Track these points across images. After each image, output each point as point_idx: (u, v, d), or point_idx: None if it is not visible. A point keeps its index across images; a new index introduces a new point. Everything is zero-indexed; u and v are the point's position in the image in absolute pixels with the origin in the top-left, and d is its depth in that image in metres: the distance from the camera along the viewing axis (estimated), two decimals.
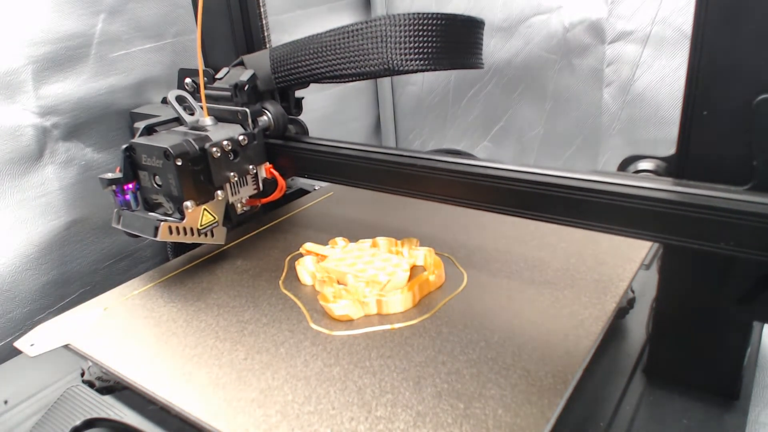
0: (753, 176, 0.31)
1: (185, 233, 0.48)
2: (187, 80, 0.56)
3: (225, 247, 0.56)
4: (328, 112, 0.99)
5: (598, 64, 0.81)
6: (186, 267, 0.53)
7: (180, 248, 0.70)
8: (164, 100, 0.58)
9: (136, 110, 0.63)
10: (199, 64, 0.51)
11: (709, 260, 0.34)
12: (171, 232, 0.47)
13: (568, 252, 0.49)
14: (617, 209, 0.35)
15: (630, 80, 0.79)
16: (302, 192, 0.77)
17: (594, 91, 0.83)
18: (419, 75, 1.01)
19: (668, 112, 0.78)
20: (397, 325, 0.42)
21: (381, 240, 0.52)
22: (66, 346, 0.43)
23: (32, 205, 0.58)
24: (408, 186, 0.45)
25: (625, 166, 0.39)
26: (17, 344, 0.43)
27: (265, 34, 0.63)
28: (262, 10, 0.62)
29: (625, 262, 0.47)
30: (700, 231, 0.32)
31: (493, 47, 0.90)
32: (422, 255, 0.49)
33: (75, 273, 0.63)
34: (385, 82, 1.07)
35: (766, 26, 0.29)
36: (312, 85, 0.52)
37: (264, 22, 0.63)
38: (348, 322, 0.43)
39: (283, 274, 0.51)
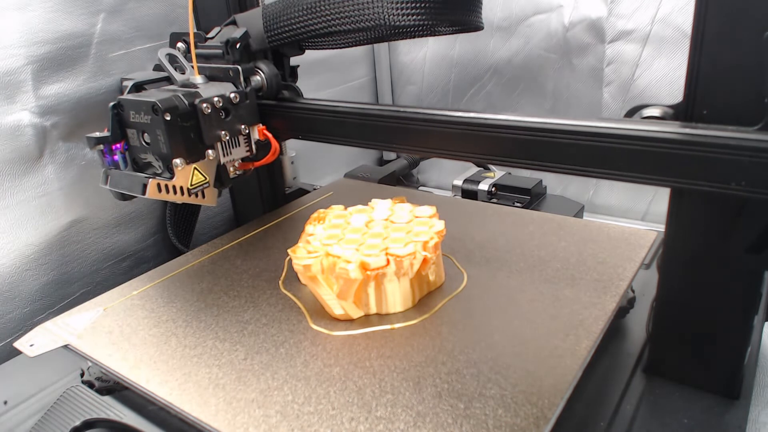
0: (764, 115, 0.30)
1: (174, 192, 0.47)
2: (179, 44, 0.54)
3: (225, 247, 0.56)
4: None
5: (598, 63, 0.81)
6: (186, 267, 0.53)
7: (187, 241, 0.70)
8: (156, 67, 0.57)
9: (126, 76, 0.62)
10: (190, 18, 0.49)
11: (717, 209, 0.33)
12: (160, 190, 0.46)
13: (568, 252, 0.49)
14: (626, 153, 0.33)
15: (630, 80, 0.79)
16: (302, 192, 0.77)
17: (594, 90, 0.83)
18: (419, 73, 1.01)
19: None
20: (397, 325, 0.42)
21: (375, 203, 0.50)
22: (66, 347, 0.43)
23: (32, 205, 0.58)
24: (407, 141, 0.44)
25: (631, 114, 0.38)
26: (17, 344, 0.43)
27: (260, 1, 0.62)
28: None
29: (625, 261, 0.47)
30: (711, 172, 0.31)
31: (493, 46, 0.90)
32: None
33: (76, 273, 0.63)
34: (384, 81, 1.06)
35: None
36: (312, 85, 0.52)
37: None
38: (348, 322, 0.43)
39: (283, 274, 0.51)
